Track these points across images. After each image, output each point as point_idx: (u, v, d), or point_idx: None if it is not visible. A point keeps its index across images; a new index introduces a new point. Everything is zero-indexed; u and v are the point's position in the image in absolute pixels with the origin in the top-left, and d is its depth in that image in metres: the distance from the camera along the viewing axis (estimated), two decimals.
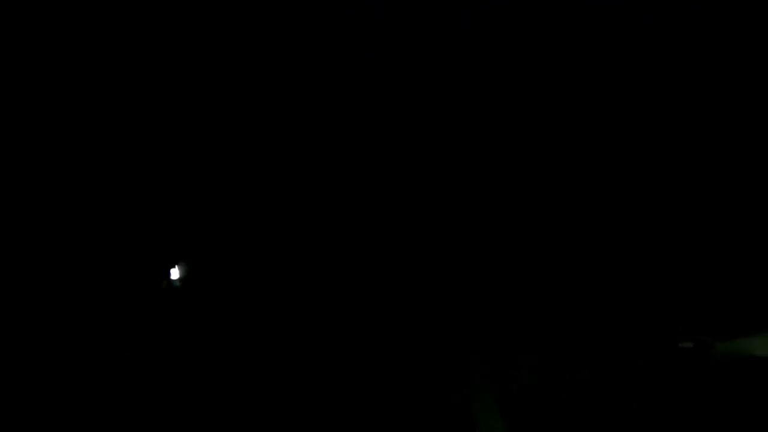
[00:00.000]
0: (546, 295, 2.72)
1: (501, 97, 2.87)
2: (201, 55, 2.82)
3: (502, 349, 2.67)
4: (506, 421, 2.33)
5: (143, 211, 2.96)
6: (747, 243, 2.63)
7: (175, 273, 2.90)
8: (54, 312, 2.89)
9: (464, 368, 2.53)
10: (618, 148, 2.89)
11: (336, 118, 2.91)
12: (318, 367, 2.78)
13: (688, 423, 2.24)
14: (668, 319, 2.57)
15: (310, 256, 2.95)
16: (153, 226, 2.97)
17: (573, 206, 2.84)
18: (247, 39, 2.83)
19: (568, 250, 2.73)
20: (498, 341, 2.68)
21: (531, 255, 2.76)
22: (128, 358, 2.83)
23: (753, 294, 2.57)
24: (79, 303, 2.92)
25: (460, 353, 2.63)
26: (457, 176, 2.91)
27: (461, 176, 2.92)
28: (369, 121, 2.92)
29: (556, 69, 2.85)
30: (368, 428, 2.33)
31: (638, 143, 2.90)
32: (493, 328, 2.72)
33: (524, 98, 2.89)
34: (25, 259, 2.88)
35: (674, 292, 2.64)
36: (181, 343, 2.89)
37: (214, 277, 2.97)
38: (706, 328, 2.51)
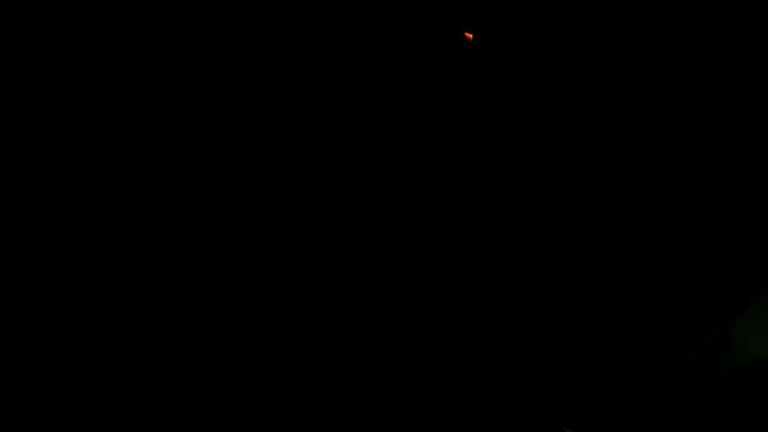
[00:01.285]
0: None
1: (501, 97, 2.90)
2: (198, 55, 2.85)
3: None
4: None
5: (143, 210, 2.99)
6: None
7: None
8: (54, 312, 2.92)
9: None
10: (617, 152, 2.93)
11: (336, 118, 2.94)
12: (324, 366, 2.82)
13: None
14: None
15: (310, 256, 2.98)
16: (153, 225, 3.00)
17: (566, 209, 2.88)
18: (246, 38, 2.86)
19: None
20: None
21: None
22: (128, 358, 2.86)
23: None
24: (79, 303, 2.95)
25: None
26: (456, 176, 2.95)
27: (461, 176, 2.95)
28: (369, 121, 2.95)
29: (556, 69, 2.88)
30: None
31: (638, 144, 2.94)
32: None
33: (524, 98, 2.92)
34: (25, 259, 2.91)
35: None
36: (181, 343, 2.92)
37: (214, 276, 3.00)
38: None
